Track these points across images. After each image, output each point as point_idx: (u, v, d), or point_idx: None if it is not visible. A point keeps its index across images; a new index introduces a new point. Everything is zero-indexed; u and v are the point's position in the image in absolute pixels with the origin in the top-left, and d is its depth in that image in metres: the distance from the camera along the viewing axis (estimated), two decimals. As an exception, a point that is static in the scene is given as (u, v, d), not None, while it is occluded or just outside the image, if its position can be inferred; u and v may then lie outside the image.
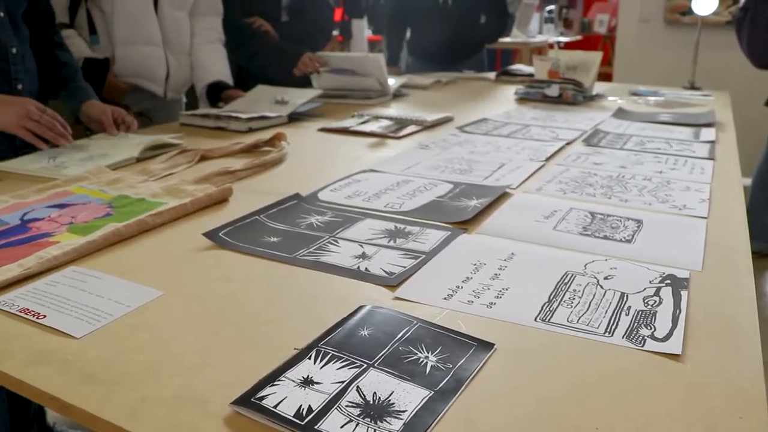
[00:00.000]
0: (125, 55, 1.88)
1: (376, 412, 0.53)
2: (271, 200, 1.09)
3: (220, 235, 0.94)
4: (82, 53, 1.80)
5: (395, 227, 0.98)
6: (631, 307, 0.72)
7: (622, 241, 0.93)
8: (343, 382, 0.57)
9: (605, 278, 0.80)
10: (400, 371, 0.59)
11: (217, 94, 2.09)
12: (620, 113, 2.07)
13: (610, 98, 2.41)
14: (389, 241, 0.92)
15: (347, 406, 0.53)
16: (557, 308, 0.72)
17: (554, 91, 2.30)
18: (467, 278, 0.80)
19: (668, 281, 0.79)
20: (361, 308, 0.71)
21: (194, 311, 0.72)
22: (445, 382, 0.58)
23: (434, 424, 0.52)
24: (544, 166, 1.37)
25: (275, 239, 0.93)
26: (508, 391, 0.57)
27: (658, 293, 0.75)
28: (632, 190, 1.19)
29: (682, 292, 0.76)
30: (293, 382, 0.57)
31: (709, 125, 1.85)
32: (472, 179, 1.25)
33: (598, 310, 0.72)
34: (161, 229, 0.98)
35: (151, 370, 0.60)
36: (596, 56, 2.38)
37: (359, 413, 0.52)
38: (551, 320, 0.70)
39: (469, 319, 0.70)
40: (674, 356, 0.63)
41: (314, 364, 0.60)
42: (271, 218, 1.01)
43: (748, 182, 2.92)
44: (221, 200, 1.11)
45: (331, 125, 1.79)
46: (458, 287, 0.77)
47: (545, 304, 0.73)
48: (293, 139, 1.57)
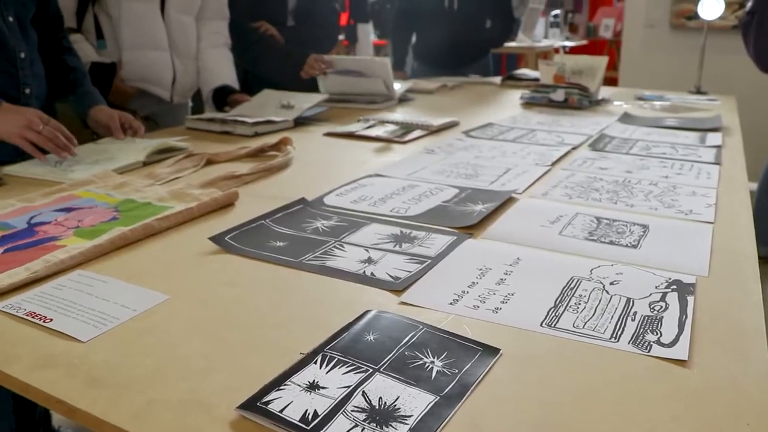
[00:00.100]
0: (132, 59, 1.89)
1: (381, 417, 0.53)
2: (276, 205, 1.09)
3: (226, 239, 0.94)
4: (89, 58, 1.81)
5: (401, 232, 0.98)
6: (637, 312, 0.72)
7: (628, 246, 0.93)
8: (348, 386, 0.57)
9: (611, 283, 0.80)
10: (405, 376, 0.59)
11: (223, 98, 2.09)
12: (626, 118, 2.07)
13: (615, 103, 2.40)
14: (395, 245, 0.92)
15: (353, 411, 0.53)
16: (563, 313, 0.72)
17: (560, 95, 2.30)
18: (473, 283, 0.80)
19: (674, 286, 0.78)
20: (366, 313, 0.71)
21: (200, 315, 0.72)
22: (450, 387, 0.58)
23: (440, 429, 0.52)
24: (549, 170, 1.37)
25: (281, 244, 0.93)
26: (514, 396, 0.57)
27: (664, 298, 0.75)
28: (638, 195, 1.18)
29: (688, 297, 0.75)
30: (299, 386, 0.57)
31: (715, 130, 1.85)
32: (477, 184, 1.25)
33: (604, 315, 0.72)
34: (167, 233, 0.99)
35: (157, 374, 0.60)
36: (602, 61, 2.37)
37: (365, 418, 0.52)
38: (557, 325, 0.69)
39: (474, 324, 0.70)
40: (680, 362, 0.62)
41: (320, 368, 0.60)
42: (276, 223, 1.01)
43: (754, 187, 2.91)
44: (227, 204, 1.11)
45: (336, 130, 1.79)
46: (464, 292, 0.77)
47: (551, 309, 0.73)
48: (299, 143, 1.58)
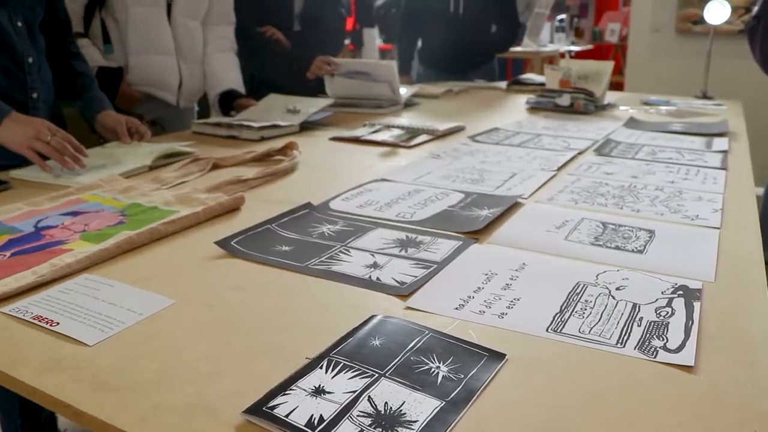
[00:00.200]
0: (138, 64, 1.89)
1: (387, 422, 0.53)
2: (282, 209, 1.09)
3: (231, 243, 0.94)
4: (96, 62, 1.82)
5: (407, 237, 0.98)
6: (643, 318, 0.72)
7: (633, 251, 0.93)
8: (354, 391, 0.57)
9: (617, 289, 0.79)
10: (411, 381, 0.59)
11: (229, 102, 2.10)
12: (632, 123, 2.07)
13: (621, 108, 2.40)
14: (401, 250, 0.93)
15: (359, 415, 0.53)
16: (569, 319, 0.72)
17: (565, 100, 2.30)
18: (479, 288, 0.80)
19: (680, 292, 0.78)
20: (372, 318, 0.71)
21: (206, 319, 0.72)
22: (456, 392, 0.58)
23: (445, 434, 0.52)
24: (555, 175, 1.37)
25: (287, 248, 0.93)
26: (519, 401, 0.57)
27: (670, 304, 0.75)
28: (644, 200, 1.18)
29: (694, 303, 0.75)
30: (305, 391, 0.57)
31: (721, 135, 1.84)
32: (483, 189, 1.25)
33: (609, 320, 0.71)
34: (173, 237, 0.99)
35: (163, 378, 0.60)
36: (608, 65, 2.37)
37: (371, 423, 0.52)
38: (563, 331, 0.69)
39: (480, 329, 0.70)
40: (687, 368, 0.62)
41: (326, 373, 0.60)
42: (282, 227, 1.02)
43: (761, 192, 2.90)
44: (233, 209, 1.11)
45: (342, 134, 1.79)
46: (470, 297, 0.77)
47: (557, 314, 0.73)
48: (305, 148, 1.58)
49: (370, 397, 0.56)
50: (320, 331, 0.69)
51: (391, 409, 0.54)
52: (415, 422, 0.53)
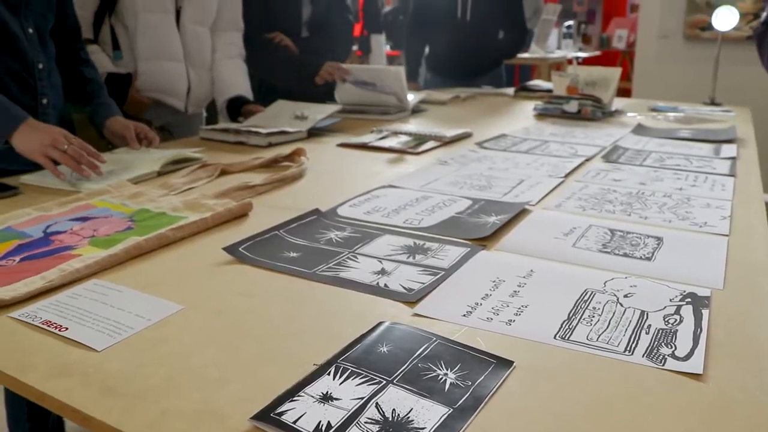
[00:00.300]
0: (147, 70, 1.90)
1: (395, 429, 0.53)
2: (290, 215, 1.09)
3: (240, 249, 0.94)
4: (105, 68, 1.83)
5: (414, 243, 0.98)
6: (651, 325, 0.72)
7: (642, 258, 0.92)
8: (362, 398, 0.57)
9: (625, 296, 0.79)
10: (419, 388, 0.59)
11: (237, 108, 2.11)
12: (639, 129, 2.06)
13: (629, 114, 2.40)
14: (408, 257, 0.93)
15: (366, 422, 0.53)
16: (577, 326, 0.72)
17: (573, 107, 2.30)
18: (486, 295, 0.80)
19: (689, 299, 0.78)
20: (380, 324, 0.71)
21: (214, 325, 0.72)
22: (464, 399, 0.57)
23: (453, 441, 0.52)
24: (563, 182, 1.37)
25: (295, 254, 0.93)
26: (527, 408, 0.57)
27: (678, 312, 0.75)
28: (652, 207, 1.18)
29: (703, 310, 0.75)
30: (312, 397, 0.57)
31: (729, 141, 1.84)
32: (491, 195, 1.25)
33: (617, 328, 0.71)
34: (181, 243, 0.99)
35: (171, 383, 0.60)
36: (615, 72, 2.37)
37: (378, 430, 0.52)
38: (571, 338, 0.69)
39: (488, 336, 0.70)
40: (695, 376, 0.62)
41: (333, 380, 0.60)
42: (290, 233, 1.02)
43: (769, 199, 2.89)
44: (241, 215, 1.12)
45: (350, 140, 1.80)
46: (477, 304, 0.77)
47: (565, 321, 0.73)
48: (312, 154, 1.58)
49: (377, 403, 0.56)
50: (328, 337, 0.69)
51: (398, 415, 0.54)
52: (422, 429, 0.53)
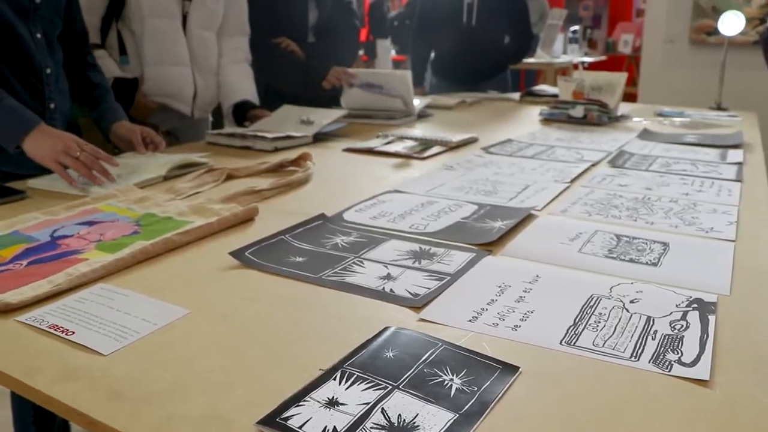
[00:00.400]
0: (154, 75, 1.91)
1: (400, 434, 0.53)
2: (296, 220, 1.09)
3: (245, 254, 0.95)
4: (112, 73, 1.83)
5: (420, 248, 0.98)
6: (657, 331, 0.72)
7: (648, 264, 0.92)
8: (368, 403, 0.57)
9: (631, 302, 0.79)
10: (424, 393, 0.59)
11: (243, 113, 2.11)
12: (645, 134, 2.06)
13: (635, 119, 2.40)
14: (414, 262, 0.93)
15: (372, 428, 0.53)
16: (583, 332, 0.72)
17: (579, 112, 2.29)
18: (492, 300, 0.80)
19: (695, 305, 0.78)
20: (385, 329, 0.71)
21: (220, 330, 0.72)
22: (469, 405, 0.57)
23: (459, 447, 0.52)
24: (569, 187, 1.37)
25: (300, 259, 0.94)
26: (533, 414, 0.57)
27: (684, 317, 0.75)
28: (658, 212, 1.18)
29: (709, 316, 0.75)
30: (318, 402, 0.57)
31: (736, 146, 1.84)
32: (496, 201, 1.25)
33: (624, 333, 0.71)
34: (188, 247, 0.99)
35: (177, 388, 0.61)
36: (621, 77, 2.37)
37: (384, 435, 0.52)
38: (577, 344, 0.69)
39: (494, 341, 0.70)
40: (702, 382, 0.62)
41: (339, 385, 0.60)
42: (296, 238, 1.02)
43: (776, 204, 2.88)
44: (247, 219, 1.12)
45: (356, 145, 1.80)
46: (483, 309, 0.77)
47: (570, 327, 0.73)
48: (318, 159, 1.59)
49: (383, 409, 0.56)
50: (334, 342, 0.69)
51: (404, 421, 0.54)
52: (428, 435, 0.53)
